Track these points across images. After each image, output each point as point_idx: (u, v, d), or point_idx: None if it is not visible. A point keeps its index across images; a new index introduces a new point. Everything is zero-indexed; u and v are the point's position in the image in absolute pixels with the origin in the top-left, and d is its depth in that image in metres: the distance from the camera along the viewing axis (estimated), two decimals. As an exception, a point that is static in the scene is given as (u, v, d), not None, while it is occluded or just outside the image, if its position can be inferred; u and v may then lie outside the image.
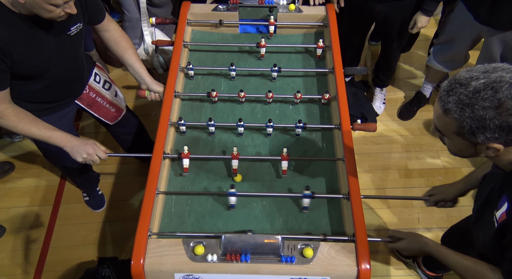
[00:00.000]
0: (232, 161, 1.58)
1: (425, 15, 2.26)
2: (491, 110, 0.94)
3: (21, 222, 2.41)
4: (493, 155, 1.03)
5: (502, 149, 1.00)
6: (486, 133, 0.97)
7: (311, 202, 1.53)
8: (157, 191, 1.49)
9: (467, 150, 1.06)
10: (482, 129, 0.96)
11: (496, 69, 0.96)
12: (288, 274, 1.31)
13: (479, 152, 1.04)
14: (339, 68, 1.85)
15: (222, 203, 1.55)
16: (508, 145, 0.99)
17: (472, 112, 0.95)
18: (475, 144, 1.02)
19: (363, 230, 1.37)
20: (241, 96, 1.78)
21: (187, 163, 1.60)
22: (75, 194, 2.53)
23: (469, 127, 0.97)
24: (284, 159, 1.58)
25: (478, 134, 0.97)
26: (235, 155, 1.57)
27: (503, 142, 0.98)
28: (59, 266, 2.24)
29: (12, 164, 2.64)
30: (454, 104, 0.97)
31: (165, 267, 1.31)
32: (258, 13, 2.09)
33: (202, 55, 2.05)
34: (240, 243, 1.32)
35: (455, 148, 1.09)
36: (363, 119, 2.77)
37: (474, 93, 0.95)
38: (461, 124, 0.98)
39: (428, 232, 2.33)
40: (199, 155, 1.67)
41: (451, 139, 1.06)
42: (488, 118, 0.94)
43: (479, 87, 0.94)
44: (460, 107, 0.97)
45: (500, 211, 1.11)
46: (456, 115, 0.98)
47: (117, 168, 2.64)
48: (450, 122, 1.01)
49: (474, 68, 0.99)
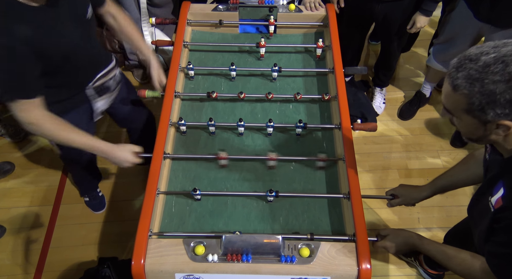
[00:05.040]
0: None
1: (424, 15, 2.26)
2: (501, 83, 0.92)
3: (21, 222, 2.41)
4: (503, 135, 1.01)
5: None
6: (496, 109, 0.94)
7: (312, 202, 1.54)
8: (157, 191, 1.49)
9: (477, 131, 1.03)
10: (492, 104, 0.94)
11: (507, 44, 0.95)
12: (289, 274, 1.32)
13: (489, 133, 1.02)
14: (339, 68, 1.86)
15: (223, 203, 1.55)
16: None
17: (481, 86, 0.93)
18: (485, 123, 0.99)
19: (364, 230, 1.37)
20: (241, 97, 1.78)
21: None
22: (75, 194, 2.53)
23: (478, 102, 0.95)
24: (271, 160, 1.60)
25: (488, 110, 0.95)
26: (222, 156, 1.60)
27: None
28: (59, 266, 2.24)
29: (13, 164, 2.64)
30: (464, 79, 0.96)
31: (165, 267, 1.31)
32: (258, 13, 2.09)
33: (202, 55, 2.05)
34: (241, 243, 1.32)
35: (465, 129, 1.07)
36: (363, 119, 2.77)
37: (484, 68, 0.93)
38: (471, 100, 0.96)
39: (428, 231, 2.33)
40: (199, 155, 1.68)
41: (460, 118, 1.04)
42: (498, 92, 0.92)
43: (489, 62, 0.93)
44: (469, 82, 0.95)
45: (496, 196, 1.10)
46: (465, 91, 0.96)
47: (117, 168, 2.63)
48: (460, 99, 0.99)
49: (484, 44, 0.97)
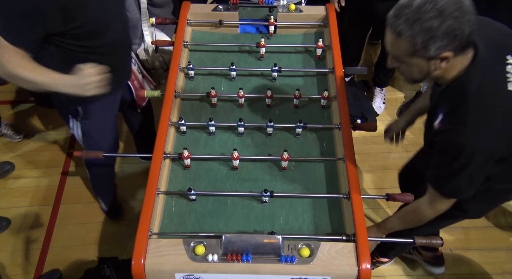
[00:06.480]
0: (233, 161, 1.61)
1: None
2: (435, 19, 1.05)
3: (21, 222, 2.41)
4: (445, 68, 1.15)
5: (452, 56, 1.11)
6: (437, 42, 1.08)
7: (312, 202, 1.54)
8: (157, 191, 1.49)
9: (423, 71, 1.17)
10: (433, 40, 1.07)
11: None
12: (289, 274, 1.32)
13: (434, 68, 1.15)
14: (339, 68, 1.86)
15: (223, 203, 1.55)
16: (456, 53, 1.11)
17: (420, 26, 1.06)
18: (429, 59, 1.12)
19: (364, 230, 1.37)
20: (241, 95, 1.78)
21: (189, 162, 1.62)
22: (75, 194, 2.53)
23: (421, 41, 1.08)
24: (284, 160, 1.59)
25: (430, 45, 1.08)
26: (235, 157, 1.58)
27: (452, 49, 1.09)
28: (59, 266, 2.24)
29: (12, 164, 2.64)
30: (404, 24, 1.09)
31: (165, 267, 1.31)
32: (258, 13, 2.09)
33: (202, 55, 2.05)
34: (241, 243, 1.32)
35: (412, 72, 1.20)
36: (363, 119, 2.77)
37: (418, 9, 1.06)
38: (414, 40, 1.09)
39: (428, 232, 2.33)
40: (199, 155, 1.68)
41: (408, 62, 1.16)
42: (435, 27, 1.06)
43: (420, 3, 1.06)
44: (409, 25, 1.08)
45: (437, 121, 1.27)
46: (408, 33, 1.09)
47: (117, 168, 2.64)
48: (404, 43, 1.11)
49: None
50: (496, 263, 2.25)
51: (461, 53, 1.13)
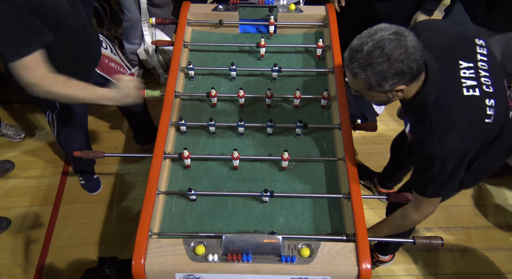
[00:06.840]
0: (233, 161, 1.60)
1: (425, 14, 2.26)
2: (384, 63, 1.15)
3: (21, 222, 2.41)
4: (402, 95, 1.26)
5: (405, 88, 1.22)
6: (389, 81, 1.18)
7: (312, 202, 1.54)
8: (157, 191, 1.49)
9: (383, 99, 1.29)
10: (385, 79, 1.17)
11: (377, 31, 1.17)
12: (289, 274, 1.32)
13: (392, 96, 1.26)
14: (339, 68, 1.86)
15: (223, 203, 1.55)
16: (408, 84, 1.21)
17: (372, 69, 1.16)
18: (386, 92, 1.23)
19: (364, 230, 1.37)
20: (241, 95, 1.78)
21: (189, 162, 1.62)
22: (75, 194, 2.53)
23: (375, 81, 1.18)
24: (284, 160, 1.59)
25: (384, 84, 1.18)
26: (235, 157, 1.58)
27: (404, 83, 1.20)
28: (59, 266, 2.24)
29: (12, 163, 2.64)
30: (358, 68, 1.18)
31: (165, 267, 1.31)
32: (258, 13, 2.09)
33: (202, 55, 2.05)
34: (241, 243, 1.32)
35: (375, 100, 1.31)
36: (363, 119, 2.77)
37: (368, 55, 1.16)
38: (369, 81, 1.19)
39: (428, 231, 2.33)
40: (199, 155, 1.68)
41: (368, 94, 1.28)
42: (385, 70, 1.15)
43: (370, 49, 1.15)
44: (363, 69, 1.18)
45: (407, 129, 1.43)
46: (363, 76, 1.19)
47: (117, 168, 2.64)
48: (361, 82, 1.22)
49: (362, 34, 1.21)
50: (496, 263, 2.25)
51: (414, 81, 1.23)
